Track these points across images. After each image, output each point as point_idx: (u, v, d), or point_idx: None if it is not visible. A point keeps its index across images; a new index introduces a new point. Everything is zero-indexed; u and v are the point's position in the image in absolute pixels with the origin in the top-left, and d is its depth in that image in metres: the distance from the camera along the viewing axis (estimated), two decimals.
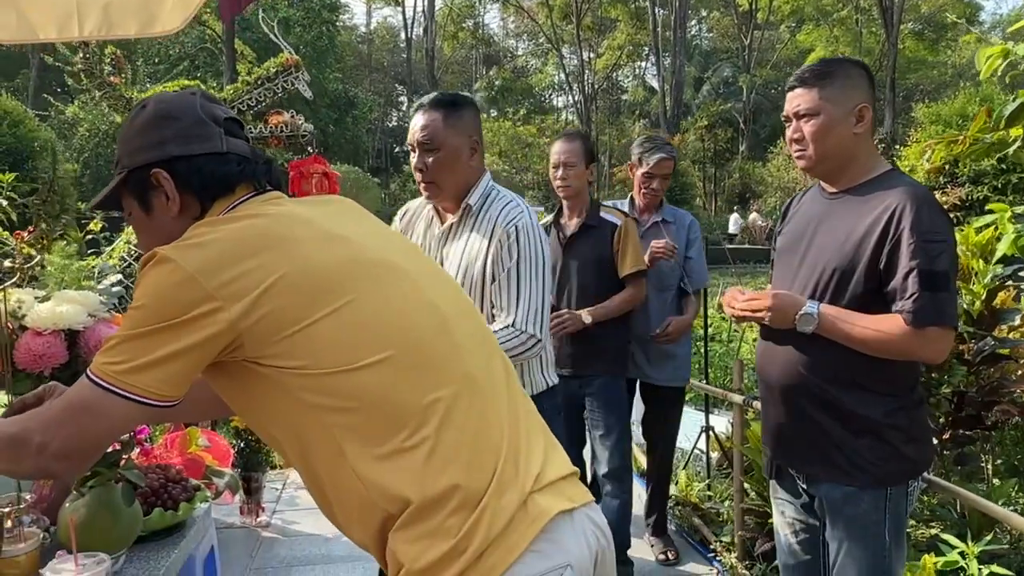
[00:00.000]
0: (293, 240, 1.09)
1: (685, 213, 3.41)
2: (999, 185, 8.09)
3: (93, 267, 2.49)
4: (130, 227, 4.34)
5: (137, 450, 2.00)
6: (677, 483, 3.77)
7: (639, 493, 3.41)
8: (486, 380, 1.13)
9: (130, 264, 3.75)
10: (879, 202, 1.77)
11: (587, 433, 3.10)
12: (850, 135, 1.83)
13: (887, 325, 1.72)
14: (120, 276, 1.96)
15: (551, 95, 39.80)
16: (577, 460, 3.06)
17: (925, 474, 2.09)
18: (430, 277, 1.22)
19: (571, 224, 3.02)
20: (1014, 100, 1.81)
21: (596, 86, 34.55)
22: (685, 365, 3.31)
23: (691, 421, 3.91)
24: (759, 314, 1.86)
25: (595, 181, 3.12)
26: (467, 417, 1.07)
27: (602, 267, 2.94)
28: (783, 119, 1.96)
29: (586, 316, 2.85)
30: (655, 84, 32.95)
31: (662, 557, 3.21)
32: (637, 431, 3.51)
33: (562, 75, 34.86)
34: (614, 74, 36.64)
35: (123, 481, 1.60)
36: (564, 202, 3.05)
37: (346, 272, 1.09)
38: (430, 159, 1.98)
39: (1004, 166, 7.90)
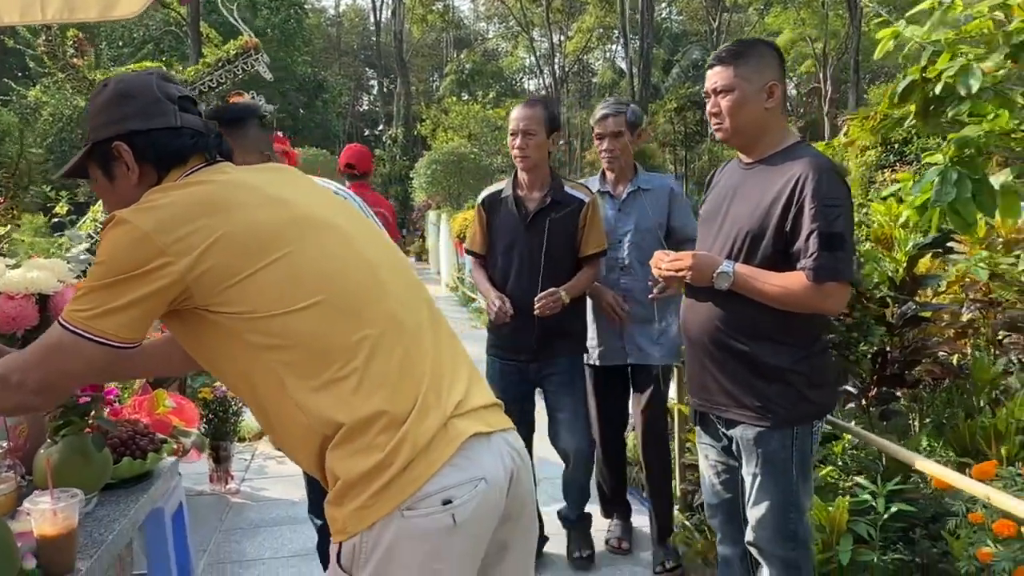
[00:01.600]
0: (235, 204, 1.25)
1: (665, 178, 3.19)
2: None
3: (60, 244, 2.62)
4: (96, 207, 4.43)
5: (107, 411, 2.13)
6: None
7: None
8: (411, 322, 1.30)
9: (97, 241, 3.85)
10: (786, 171, 1.96)
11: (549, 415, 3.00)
12: (761, 110, 2.01)
13: (792, 281, 1.91)
14: (87, 245, 2.08)
15: (522, 78, 39.79)
16: (528, 450, 3.04)
17: (836, 419, 2.30)
18: (362, 233, 1.38)
19: (533, 198, 2.84)
20: (903, 78, 2.00)
21: (567, 69, 34.62)
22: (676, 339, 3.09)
23: None
24: (681, 273, 2.05)
25: (555, 152, 2.94)
26: (392, 352, 1.23)
27: (568, 245, 2.81)
28: (704, 95, 2.13)
29: (565, 295, 2.73)
30: (625, 67, 33.09)
31: (659, 569, 2.99)
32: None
33: (532, 58, 34.86)
34: (585, 57, 36.71)
35: (94, 430, 1.75)
36: (522, 174, 2.86)
37: (283, 230, 1.25)
38: None
39: None
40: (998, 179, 1.92)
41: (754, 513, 2.06)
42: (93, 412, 1.77)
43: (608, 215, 2.97)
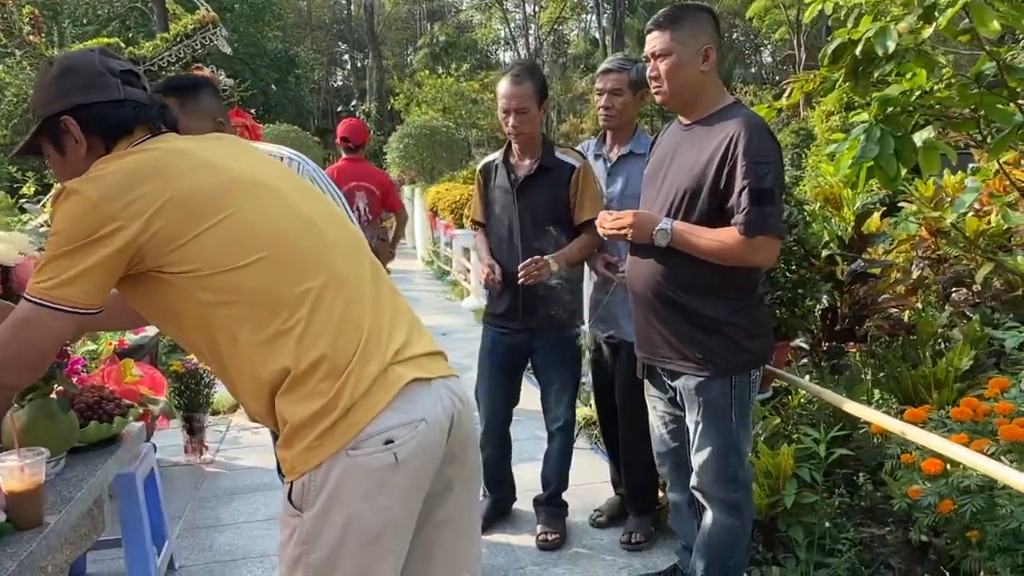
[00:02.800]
0: (177, 170, 1.32)
1: None
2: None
3: (23, 220, 2.66)
4: (56, 178, 4.43)
5: (74, 379, 2.20)
6: (590, 406, 4.08)
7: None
8: (352, 275, 1.38)
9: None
10: (720, 131, 2.04)
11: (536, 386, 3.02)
12: (698, 73, 2.08)
13: (725, 236, 2.01)
14: (46, 216, 2.13)
15: (496, 50, 39.45)
16: (509, 419, 3.05)
17: (785, 372, 2.41)
18: (302, 194, 1.45)
19: (523, 165, 2.84)
20: (830, 40, 2.09)
21: (541, 40, 34.38)
22: None
23: None
24: (623, 231, 2.13)
25: (544, 118, 2.86)
26: (333, 303, 1.32)
27: (558, 211, 2.76)
28: (644, 59, 2.20)
29: (553, 263, 2.69)
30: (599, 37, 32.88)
31: (624, 539, 2.91)
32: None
33: (507, 30, 34.56)
34: (559, 27, 36.44)
35: (59, 393, 1.82)
36: (514, 144, 2.86)
37: (224, 192, 1.32)
38: None
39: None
40: (921, 135, 2.01)
41: (697, 459, 2.18)
42: (56, 377, 1.83)
43: (598, 178, 2.87)
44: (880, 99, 1.96)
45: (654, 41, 2.10)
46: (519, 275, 2.69)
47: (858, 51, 1.92)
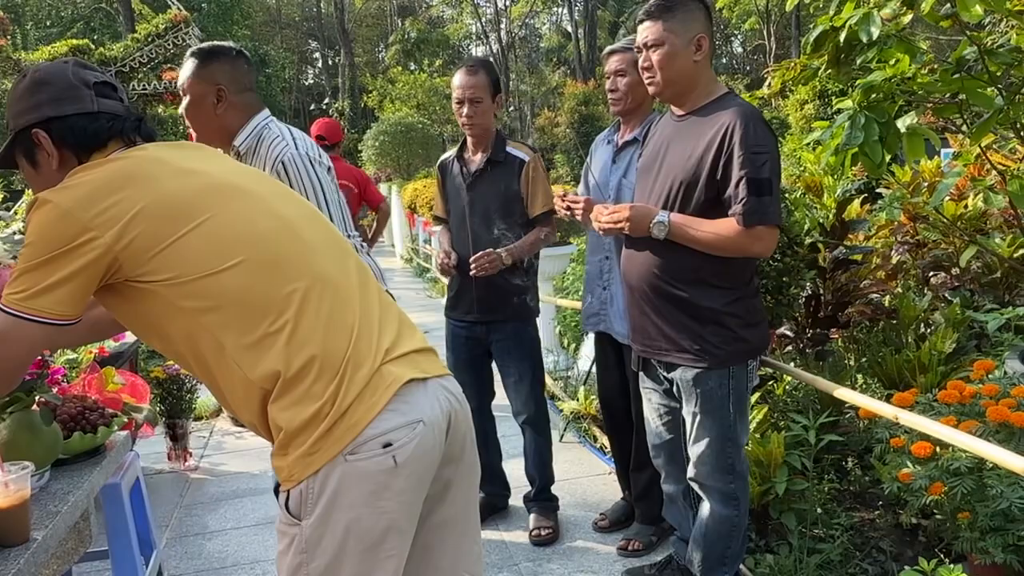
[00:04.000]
0: (151, 176, 1.29)
1: None
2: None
3: None
4: (30, 192, 4.34)
5: (55, 389, 2.14)
6: (578, 400, 4.08)
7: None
8: (338, 274, 1.35)
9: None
10: (715, 121, 2.03)
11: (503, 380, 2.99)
12: (691, 63, 2.07)
13: (723, 227, 2.00)
14: (20, 225, 2.07)
15: (468, 45, 39.27)
16: (485, 413, 3.00)
17: (772, 359, 2.42)
18: (278, 196, 1.43)
19: (475, 159, 2.87)
20: (813, 28, 2.09)
21: (513, 34, 34.29)
22: None
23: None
24: (619, 224, 2.12)
25: (501, 115, 2.98)
26: (320, 303, 1.29)
27: (509, 204, 2.79)
28: (635, 50, 2.18)
29: (506, 256, 2.72)
30: (571, 30, 32.88)
31: (622, 543, 2.83)
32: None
33: (478, 24, 34.41)
34: (531, 21, 36.38)
35: (41, 404, 1.77)
36: (469, 137, 2.90)
37: (200, 197, 1.29)
38: (182, 107, 2.18)
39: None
40: (903, 121, 2.02)
41: (695, 450, 2.17)
42: (37, 387, 1.78)
43: (603, 165, 2.79)
44: (864, 85, 1.97)
45: (646, 31, 2.08)
46: (471, 268, 2.72)
47: (841, 38, 1.93)
